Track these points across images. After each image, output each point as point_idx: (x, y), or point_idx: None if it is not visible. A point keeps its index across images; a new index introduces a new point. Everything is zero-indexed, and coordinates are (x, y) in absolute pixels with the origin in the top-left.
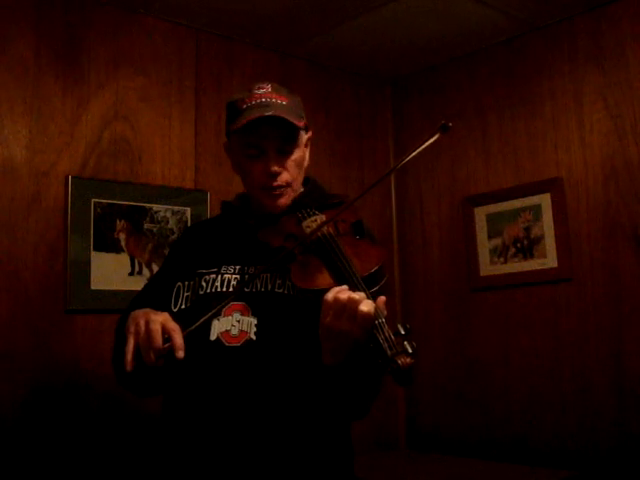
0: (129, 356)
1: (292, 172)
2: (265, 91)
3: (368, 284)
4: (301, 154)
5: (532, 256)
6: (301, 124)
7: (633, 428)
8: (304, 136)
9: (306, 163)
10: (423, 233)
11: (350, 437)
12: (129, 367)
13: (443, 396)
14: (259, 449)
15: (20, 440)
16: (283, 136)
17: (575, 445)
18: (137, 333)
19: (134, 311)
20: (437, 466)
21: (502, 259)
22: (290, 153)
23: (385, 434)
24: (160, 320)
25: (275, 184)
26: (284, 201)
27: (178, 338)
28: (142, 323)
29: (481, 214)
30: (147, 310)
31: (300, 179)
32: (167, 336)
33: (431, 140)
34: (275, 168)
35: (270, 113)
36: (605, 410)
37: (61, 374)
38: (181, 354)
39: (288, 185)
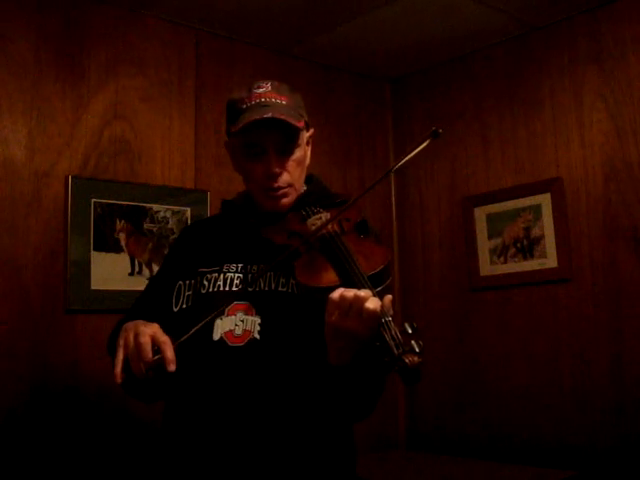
0: (118, 369)
1: (293, 172)
2: (265, 90)
3: (374, 283)
4: (302, 153)
5: (532, 256)
6: (301, 124)
7: (633, 428)
8: (305, 135)
9: (308, 161)
10: (423, 233)
11: (353, 436)
12: (118, 380)
13: (443, 396)
14: (262, 449)
15: (20, 440)
16: (282, 137)
17: (575, 445)
18: (126, 346)
19: (126, 323)
20: (437, 466)
21: (502, 259)
22: (291, 153)
23: (385, 434)
24: (149, 332)
25: (276, 185)
26: (287, 202)
27: (169, 351)
28: (131, 336)
29: (481, 214)
30: (137, 322)
31: (302, 178)
32: (157, 348)
33: (421, 146)
34: (275, 169)
35: (268, 115)
36: (605, 410)
37: (61, 374)
38: (172, 367)
39: (290, 186)
